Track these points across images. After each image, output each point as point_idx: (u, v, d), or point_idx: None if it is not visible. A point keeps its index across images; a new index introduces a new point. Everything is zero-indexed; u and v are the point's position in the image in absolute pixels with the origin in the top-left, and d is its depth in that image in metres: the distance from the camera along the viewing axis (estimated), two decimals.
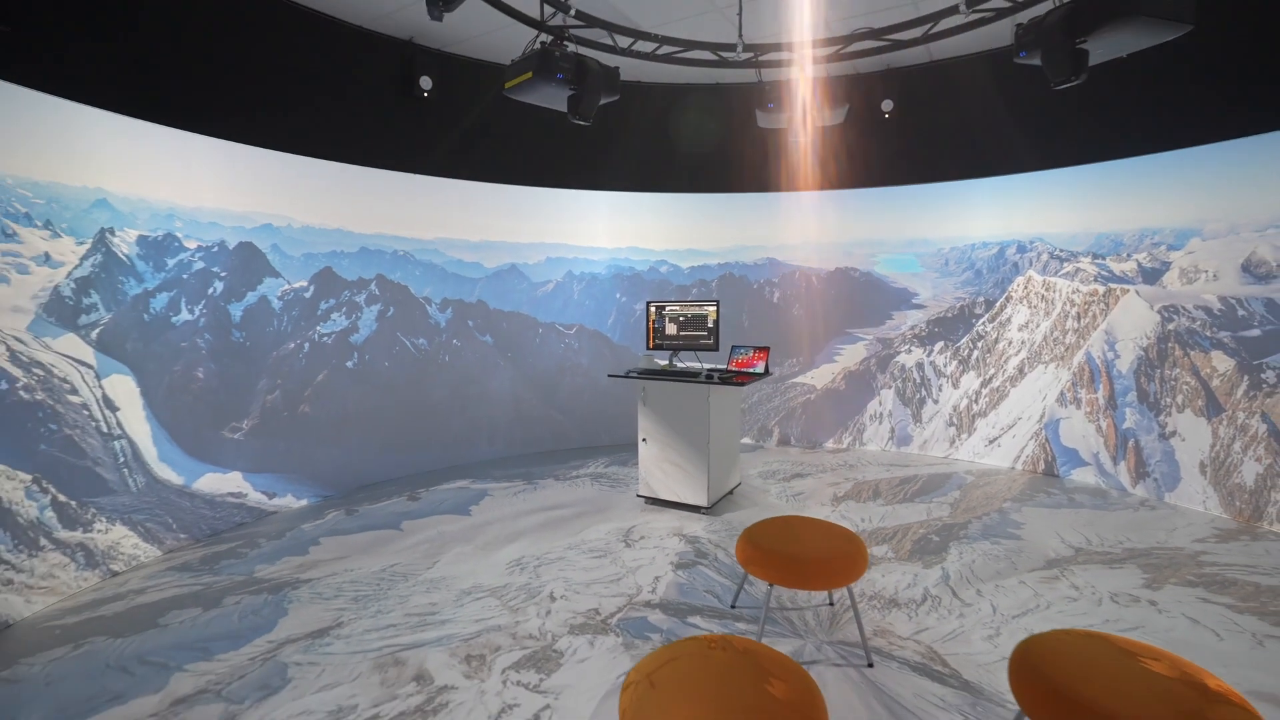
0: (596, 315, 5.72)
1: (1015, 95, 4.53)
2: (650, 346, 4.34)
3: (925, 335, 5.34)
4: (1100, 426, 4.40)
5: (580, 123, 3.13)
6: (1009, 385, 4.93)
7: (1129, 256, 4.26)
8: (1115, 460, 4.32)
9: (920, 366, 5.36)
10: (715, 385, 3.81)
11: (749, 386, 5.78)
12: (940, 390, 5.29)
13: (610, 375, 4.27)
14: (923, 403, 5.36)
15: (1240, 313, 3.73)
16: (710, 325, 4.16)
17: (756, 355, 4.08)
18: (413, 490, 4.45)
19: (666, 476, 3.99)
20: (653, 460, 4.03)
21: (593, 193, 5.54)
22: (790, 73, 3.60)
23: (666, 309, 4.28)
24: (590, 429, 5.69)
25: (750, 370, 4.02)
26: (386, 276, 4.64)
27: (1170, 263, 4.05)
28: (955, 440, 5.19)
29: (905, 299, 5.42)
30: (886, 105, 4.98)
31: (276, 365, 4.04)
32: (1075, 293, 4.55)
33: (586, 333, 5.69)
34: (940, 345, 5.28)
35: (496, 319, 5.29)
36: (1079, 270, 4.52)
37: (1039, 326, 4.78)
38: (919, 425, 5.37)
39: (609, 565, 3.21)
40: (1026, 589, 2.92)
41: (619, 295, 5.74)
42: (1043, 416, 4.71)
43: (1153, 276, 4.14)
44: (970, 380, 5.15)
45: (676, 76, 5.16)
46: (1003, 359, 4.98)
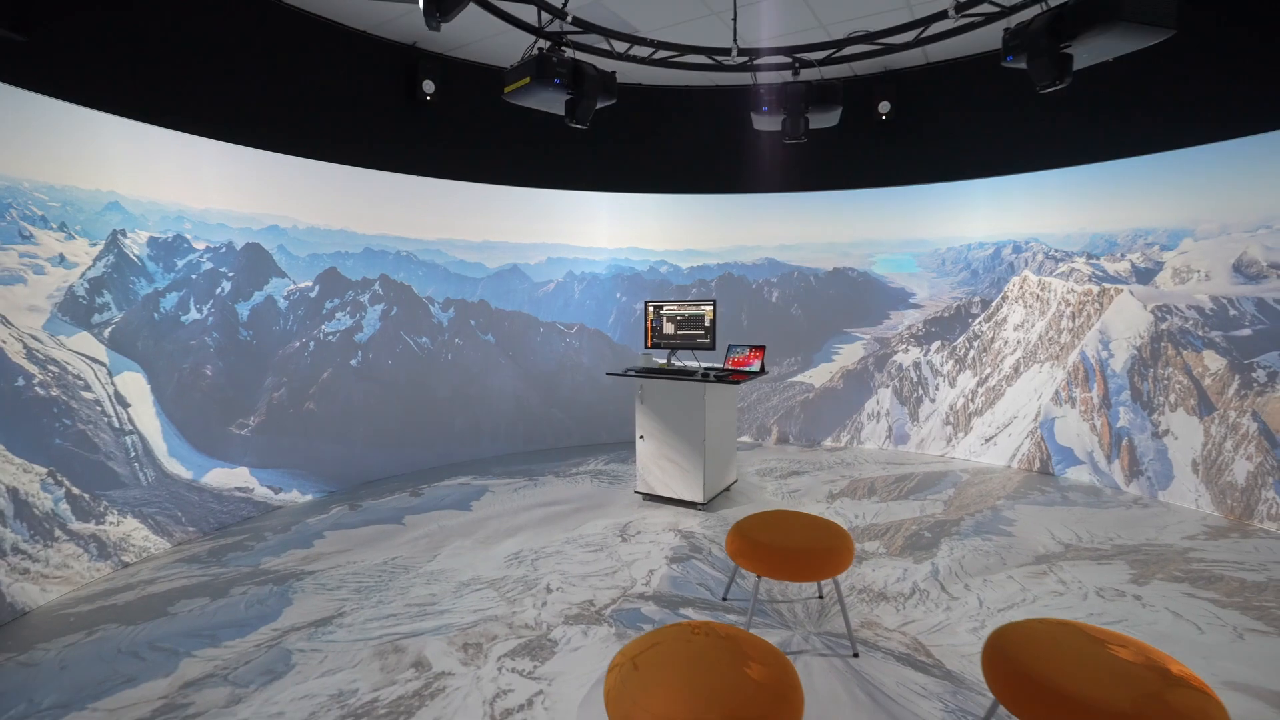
0: (597, 315, 5.79)
1: (1011, 97, 4.57)
2: (648, 345, 4.42)
3: (922, 335, 5.39)
4: (1095, 425, 4.43)
5: (577, 126, 3.20)
6: (1005, 384, 4.97)
7: (1123, 256, 4.29)
8: (1109, 459, 4.35)
9: (917, 366, 5.41)
10: (711, 383, 3.87)
11: (747, 385, 5.85)
12: (937, 389, 5.33)
13: (608, 373, 4.34)
14: (920, 402, 5.40)
15: (1231, 312, 3.76)
16: (707, 325, 4.23)
17: (752, 354, 4.15)
18: (415, 486, 4.54)
19: (663, 473, 4.06)
20: (650, 457, 4.10)
21: (593, 194, 5.61)
22: (785, 76, 3.65)
23: (664, 309, 4.35)
24: (591, 427, 5.76)
25: (746, 369, 4.08)
26: (390, 276, 4.73)
27: (1163, 263, 4.09)
28: (952, 439, 5.24)
29: (902, 299, 5.46)
30: (884, 107, 5.04)
31: (282, 363, 4.13)
32: (1070, 292, 4.58)
33: (587, 332, 5.77)
34: (937, 345, 5.33)
35: (498, 318, 5.38)
36: (1074, 270, 4.55)
37: (1034, 326, 4.81)
38: (916, 424, 5.41)
39: (605, 559, 3.28)
40: (1014, 584, 2.97)
41: (619, 295, 5.81)
42: (1038, 415, 4.75)
43: (1146, 276, 4.18)
44: (967, 379, 5.19)
45: (676, 79, 5.23)
46: (999, 358, 5.02)
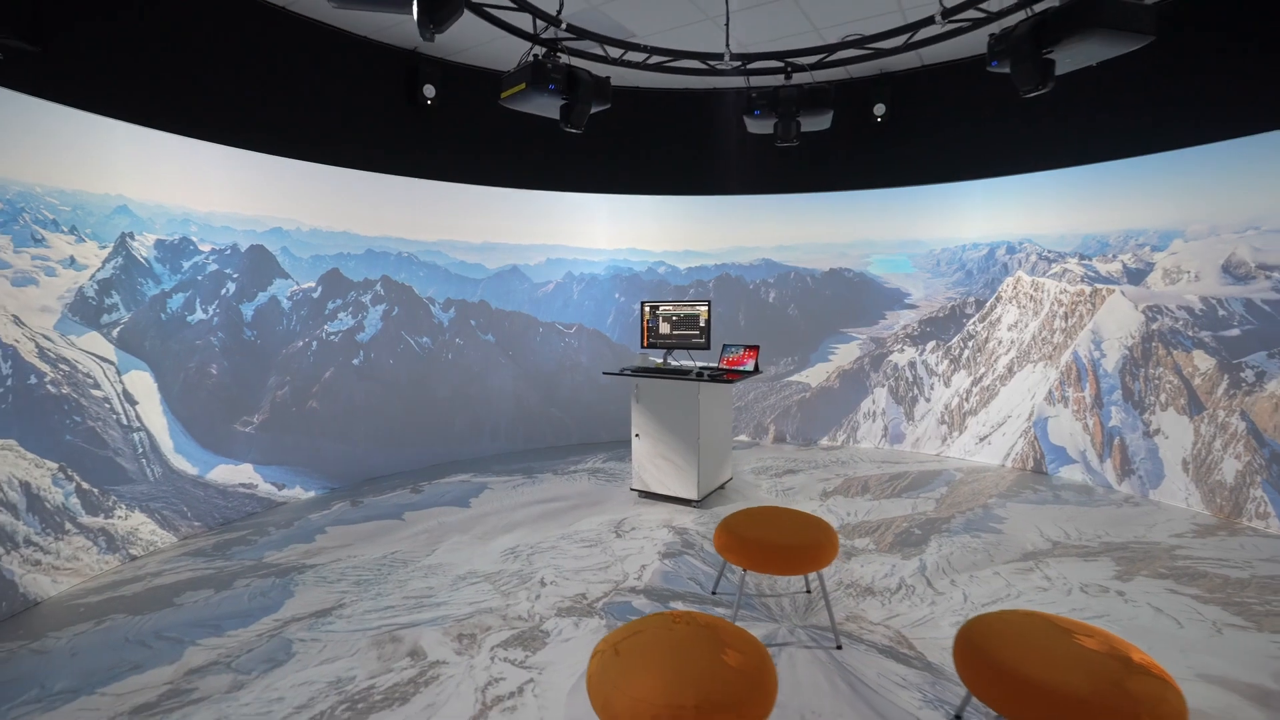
0: (596, 315, 5.86)
1: (1004, 99, 4.60)
2: (645, 345, 4.49)
3: (917, 335, 5.43)
4: (1087, 424, 4.47)
5: (572, 130, 3.27)
6: (999, 384, 5.01)
7: (1114, 257, 4.33)
8: (1101, 458, 4.39)
9: (912, 365, 5.45)
10: (705, 382, 3.94)
11: (744, 385, 5.91)
12: (932, 389, 5.38)
13: (605, 373, 4.42)
14: (915, 401, 5.45)
15: (1220, 312, 3.79)
16: (702, 325, 4.29)
17: (747, 354, 4.21)
18: (416, 483, 4.63)
19: (658, 471, 4.12)
20: (645, 455, 4.16)
21: (592, 196, 5.69)
22: (778, 80, 3.72)
23: (660, 309, 4.41)
24: (589, 426, 5.83)
25: (740, 369, 4.14)
26: (391, 277, 4.82)
27: (1154, 263, 4.12)
28: (947, 438, 5.28)
29: (898, 299, 5.51)
30: (879, 109, 5.09)
31: (286, 362, 4.23)
32: (1063, 293, 4.62)
33: (586, 332, 5.84)
34: (932, 344, 5.37)
35: (498, 318, 5.46)
36: (1066, 271, 4.59)
37: (1028, 326, 4.85)
38: (911, 423, 5.46)
39: (599, 554, 3.36)
40: (1000, 579, 3.02)
41: (618, 295, 5.88)
42: (1031, 415, 4.79)
43: (1137, 277, 4.21)
44: (961, 379, 5.23)
45: (673, 82, 5.29)
46: (993, 358, 5.06)
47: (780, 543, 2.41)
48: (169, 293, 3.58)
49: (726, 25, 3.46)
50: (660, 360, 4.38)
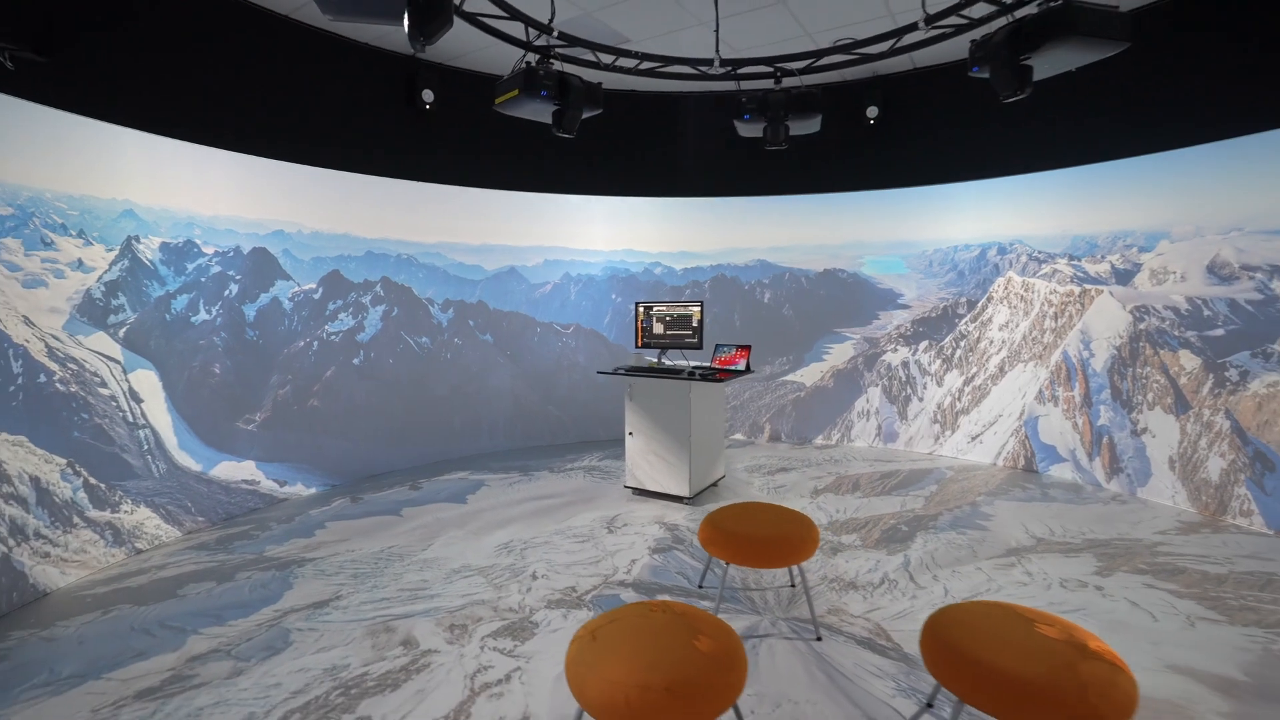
0: (593, 315, 5.95)
1: (994, 102, 4.60)
2: (639, 345, 4.56)
3: (910, 334, 5.49)
4: (1076, 423, 4.52)
5: (564, 135, 3.35)
6: (990, 383, 5.06)
7: (1103, 258, 4.38)
8: (1090, 456, 4.43)
9: (905, 365, 5.51)
10: (696, 381, 4.01)
11: (739, 384, 5.98)
12: (925, 388, 5.43)
13: (599, 372, 4.50)
14: (908, 400, 5.50)
15: (1205, 313, 3.84)
16: (695, 325, 4.36)
17: (739, 353, 4.28)
18: (415, 480, 4.72)
19: (651, 468, 4.20)
20: (639, 453, 4.24)
21: (589, 198, 5.77)
22: (768, 84, 3.78)
23: (654, 309, 4.49)
24: (586, 424, 5.92)
25: (731, 368, 4.22)
26: (391, 278, 4.92)
27: (1141, 264, 4.17)
28: (939, 437, 5.33)
29: (891, 299, 5.57)
30: (871, 112, 5.15)
31: (287, 362, 4.33)
32: (1053, 293, 4.67)
33: (583, 332, 5.93)
34: (925, 344, 5.42)
35: (496, 319, 5.55)
36: (1056, 271, 4.64)
37: (1018, 326, 4.90)
38: (905, 422, 5.51)
39: (590, 549, 3.44)
40: (981, 574, 3.08)
41: (614, 296, 5.96)
42: (1022, 414, 4.84)
43: (1125, 277, 4.26)
44: (953, 378, 5.29)
45: (669, 85, 5.36)
46: (984, 358, 5.11)
47: (761, 536, 2.48)
48: (173, 294, 3.68)
49: (716, 31, 3.53)
50: (655, 360, 4.46)
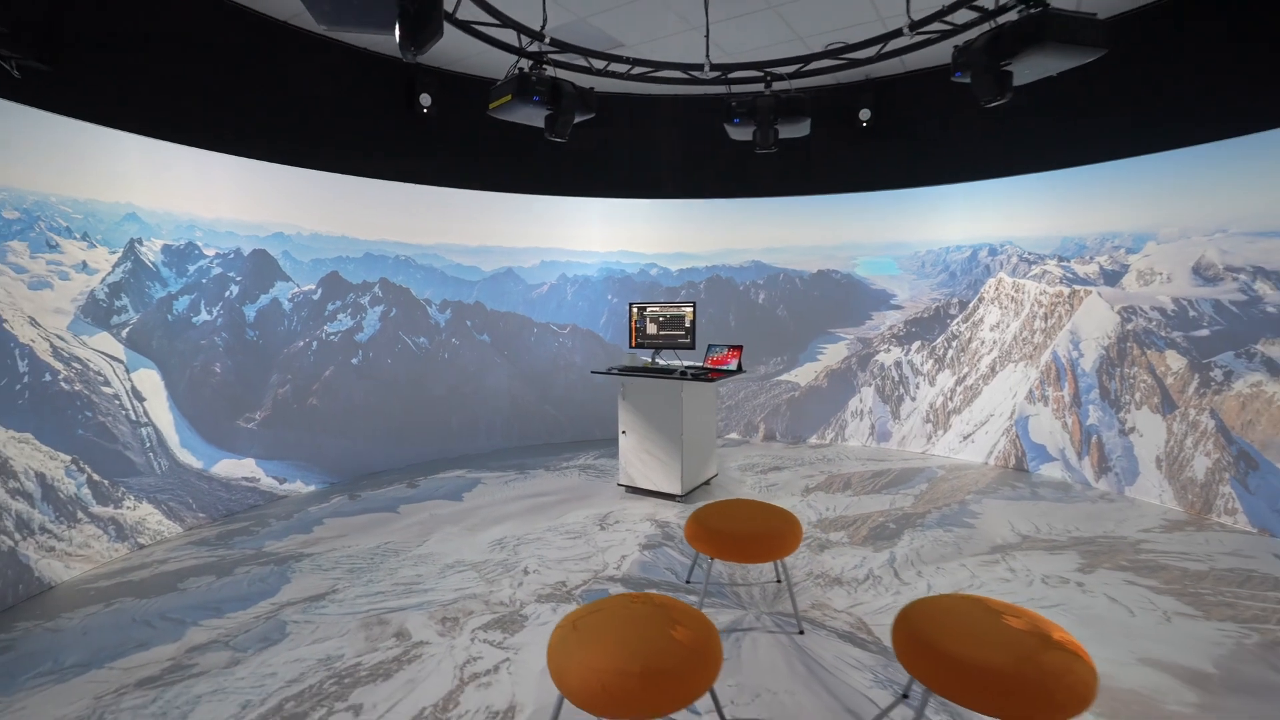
0: (589, 315, 6.01)
1: (986, 103, 4.70)
2: (633, 345, 4.63)
3: (903, 335, 5.54)
4: (1066, 423, 4.56)
5: (556, 139, 3.42)
6: (982, 383, 5.11)
7: (1091, 259, 4.42)
8: (1080, 455, 4.48)
9: (898, 365, 5.56)
10: (688, 381, 4.07)
11: (734, 384, 6.04)
12: (917, 388, 5.48)
13: (593, 371, 4.56)
14: (901, 400, 5.55)
15: (1191, 313, 3.88)
16: (687, 325, 4.43)
17: (730, 353, 4.34)
18: (412, 478, 4.80)
19: (644, 466, 4.26)
20: (632, 451, 4.31)
21: (586, 199, 5.83)
22: (758, 87, 3.84)
23: (647, 310, 4.55)
24: (582, 423, 5.98)
25: (723, 368, 4.28)
26: (389, 280, 4.99)
27: (1129, 265, 4.21)
28: (932, 436, 5.38)
29: (884, 300, 5.62)
30: (864, 114, 5.20)
31: (287, 361, 4.40)
32: (1043, 294, 4.72)
33: (579, 332, 5.99)
34: (917, 344, 5.47)
35: (493, 319, 5.62)
36: (1046, 272, 4.68)
37: (1009, 326, 4.95)
38: (898, 422, 5.56)
39: (582, 545, 3.50)
40: (965, 571, 3.14)
41: (610, 296, 6.02)
42: (1013, 413, 4.88)
43: (1113, 278, 4.30)
44: (945, 378, 5.33)
45: (664, 88, 5.42)
46: (976, 358, 5.16)
47: (744, 532, 2.54)
48: (175, 295, 3.76)
49: (706, 37, 3.59)
50: (649, 360, 4.52)
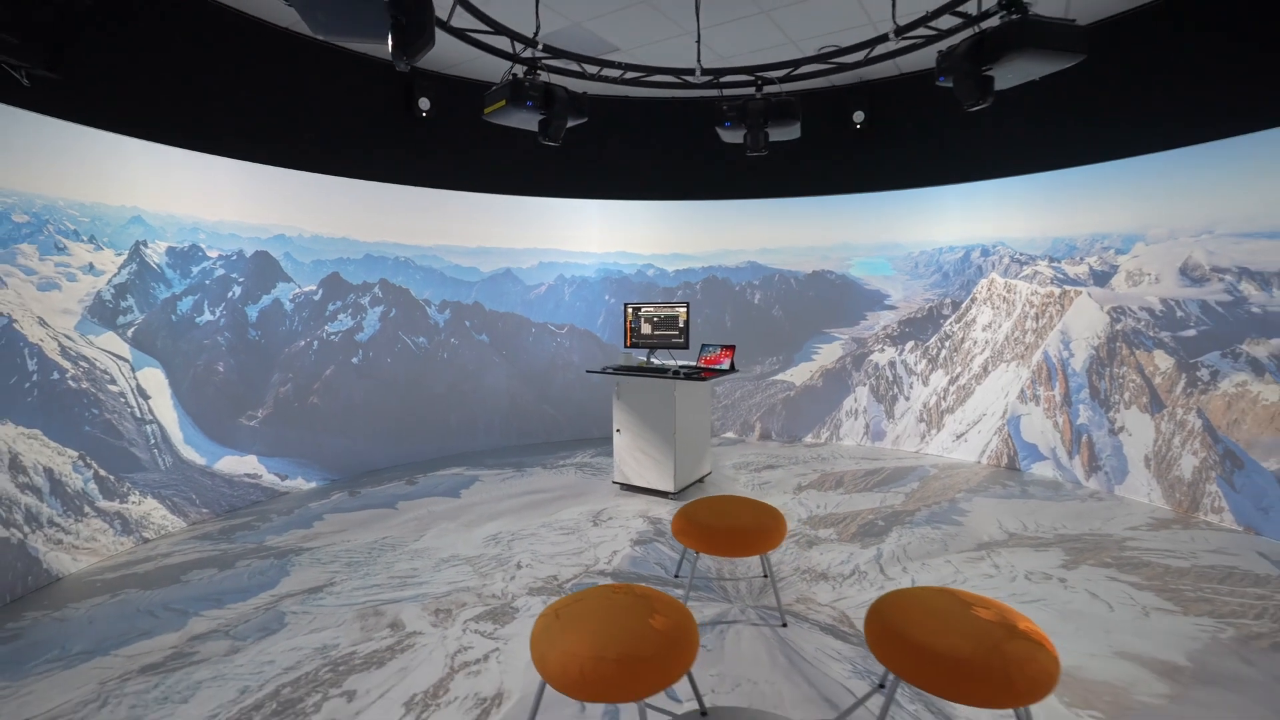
0: (586, 315, 6.08)
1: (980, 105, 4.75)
2: (628, 345, 4.70)
3: (897, 335, 5.58)
4: (1057, 422, 4.60)
5: (549, 143, 3.49)
6: (974, 383, 5.15)
7: (1082, 260, 4.46)
8: (1070, 454, 4.52)
9: (892, 365, 5.61)
10: (680, 380, 4.14)
11: (731, 384, 6.10)
12: (911, 388, 5.52)
13: (588, 370, 4.64)
14: (895, 400, 5.60)
15: (1178, 314, 3.92)
16: (681, 325, 4.49)
17: (723, 353, 4.40)
18: (411, 475, 4.88)
19: (638, 464, 4.33)
20: (626, 449, 4.37)
21: (583, 201, 5.90)
22: (750, 91, 3.91)
23: (642, 310, 4.62)
24: (580, 422, 6.06)
25: (716, 367, 4.34)
26: (389, 280, 5.08)
27: (1118, 266, 4.25)
28: (925, 435, 5.43)
29: (878, 300, 5.67)
30: (858, 116, 5.26)
31: (288, 361, 4.50)
32: (1034, 294, 4.76)
33: (577, 332, 6.07)
34: (911, 344, 5.52)
35: (492, 319, 5.70)
36: (1037, 273, 4.72)
37: (1001, 327, 4.99)
38: (892, 421, 5.61)
39: (575, 540, 3.57)
40: (950, 567, 3.19)
41: (607, 297, 6.09)
42: (1005, 413, 4.92)
43: (1103, 279, 4.34)
44: (939, 378, 5.38)
45: (660, 92, 5.49)
46: (968, 358, 5.20)
47: (729, 527, 2.60)
48: (179, 296, 3.85)
49: (698, 42, 3.66)
50: (644, 359, 4.59)
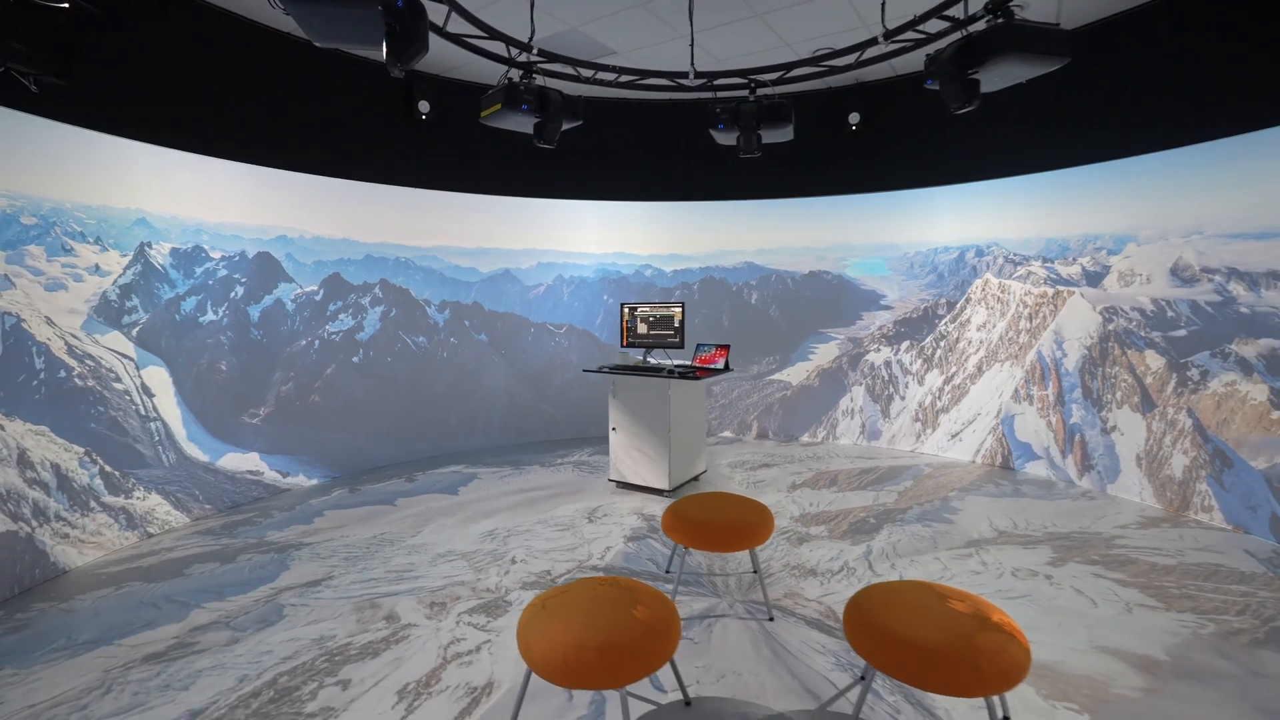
0: (585, 315, 6.14)
1: (974, 107, 4.78)
2: (624, 344, 4.75)
3: (892, 335, 5.62)
4: (1050, 422, 4.63)
5: (544, 146, 3.55)
6: (969, 382, 5.18)
7: (1074, 260, 4.49)
8: (1064, 454, 4.55)
9: (888, 364, 5.64)
10: (675, 380, 4.19)
11: (728, 383, 6.15)
12: (907, 387, 5.56)
13: (584, 370, 4.69)
14: (891, 399, 5.63)
15: (1169, 314, 3.94)
16: (676, 325, 4.54)
17: (718, 353, 4.45)
18: (411, 473, 4.95)
19: (633, 462, 4.39)
20: (621, 448, 4.43)
21: (581, 202, 5.96)
22: (743, 94, 3.95)
23: (638, 310, 4.67)
24: (578, 421, 6.12)
25: (710, 366, 4.39)
26: (389, 281, 5.15)
27: (1110, 266, 4.28)
28: (921, 435, 5.46)
29: (874, 300, 5.70)
30: (854, 118, 5.30)
31: (290, 360, 4.57)
32: (1028, 294, 4.78)
33: (575, 332, 6.13)
34: (906, 344, 5.55)
35: (491, 319, 5.76)
36: (1030, 273, 4.75)
37: (995, 327, 5.02)
38: (888, 420, 5.65)
39: (569, 537, 3.63)
40: (938, 563, 3.23)
41: (606, 297, 6.15)
42: (999, 412, 4.95)
43: (1095, 279, 4.37)
44: (934, 378, 5.41)
45: (658, 94, 5.54)
46: (963, 357, 5.23)
47: (717, 522, 2.65)
48: (183, 296, 3.93)
49: (691, 46, 3.71)
50: (640, 358, 4.64)
